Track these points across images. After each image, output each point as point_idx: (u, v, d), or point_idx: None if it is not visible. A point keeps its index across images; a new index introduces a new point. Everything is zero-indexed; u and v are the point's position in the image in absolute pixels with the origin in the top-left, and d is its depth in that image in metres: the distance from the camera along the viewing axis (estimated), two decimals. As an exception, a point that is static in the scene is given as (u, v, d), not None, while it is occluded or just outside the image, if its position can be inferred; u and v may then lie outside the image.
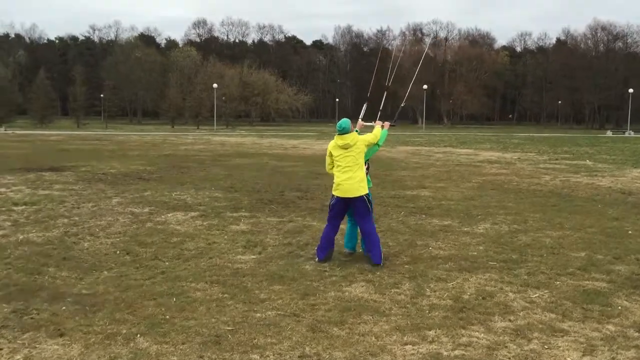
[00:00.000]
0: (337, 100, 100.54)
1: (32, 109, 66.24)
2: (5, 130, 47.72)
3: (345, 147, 6.56)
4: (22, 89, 78.13)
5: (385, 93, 7.61)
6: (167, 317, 4.74)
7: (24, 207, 9.84)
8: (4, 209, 9.62)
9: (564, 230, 8.66)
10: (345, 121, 6.67)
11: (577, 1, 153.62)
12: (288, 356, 4.01)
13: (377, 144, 7.00)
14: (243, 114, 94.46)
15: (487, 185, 14.41)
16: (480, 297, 5.38)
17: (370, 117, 7.41)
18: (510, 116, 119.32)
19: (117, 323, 4.59)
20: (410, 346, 4.22)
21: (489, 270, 6.37)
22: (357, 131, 7.00)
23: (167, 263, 6.55)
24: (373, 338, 4.36)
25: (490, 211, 10.29)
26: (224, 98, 79.79)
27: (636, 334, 4.51)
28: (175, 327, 4.52)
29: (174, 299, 5.20)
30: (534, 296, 5.44)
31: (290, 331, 4.47)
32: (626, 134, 60.91)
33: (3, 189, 11.89)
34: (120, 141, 34.56)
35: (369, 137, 6.80)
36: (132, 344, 4.17)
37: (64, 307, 4.94)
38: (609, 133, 61.87)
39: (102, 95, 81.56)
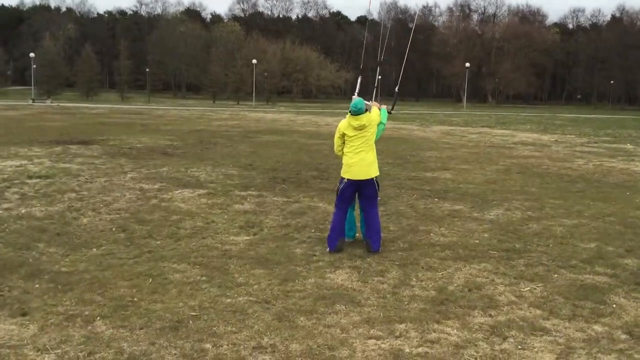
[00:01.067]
0: (379, 77, 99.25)
1: (78, 82, 67.70)
2: (51, 103, 48.95)
3: (360, 128, 6.31)
4: (71, 62, 80.00)
5: (379, 68, 7.28)
6: (135, 299, 4.67)
7: (37, 180, 9.98)
8: (17, 181, 9.78)
9: (580, 218, 8.25)
10: (360, 101, 6.37)
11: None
12: (242, 347, 3.88)
13: (381, 123, 6.73)
14: (284, 90, 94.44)
15: (514, 168, 13.92)
16: (467, 289, 5.13)
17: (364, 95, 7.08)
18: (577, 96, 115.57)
19: (83, 304, 4.55)
20: (374, 340, 4.03)
21: (486, 259, 6.10)
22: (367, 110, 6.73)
23: (158, 242, 6.51)
24: (338, 330, 4.19)
25: (508, 196, 9.90)
26: (265, 74, 79.85)
27: (623, 336, 4.20)
28: (139, 310, 4.45)
29: (150, 280, 5.14)
30: (525, 290, 5.16)
31: (255, 319, 4.34)
32: (680, 117, 58.19)
33: (25, 161, 12.11)
34: (158, 115, 34.98)
35: (377, 117, 6.55)
36: (89, 327, 4.12)
37: (37, 285, 4.94)
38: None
39: (147, 70, 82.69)
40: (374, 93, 7.22)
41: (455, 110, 60.74)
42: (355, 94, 6.59)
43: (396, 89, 7.91)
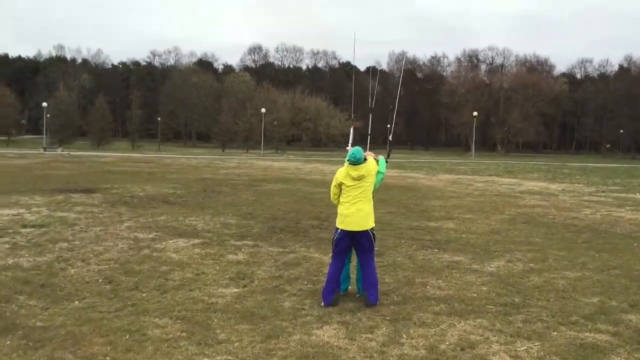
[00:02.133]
0: (388, 126, 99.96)
1: (91, 131, 68.70)
2: (62, 152, 49.49)
3: (359, 179, 6.17)
4: (84, 111, 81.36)
5: (371, 116, 7.18)
6: (108, 358, 4.45)
7: (31, 229, 9.87)
8: (11, 231, 9.67)
9: (584, 271, 7.96)
10: (359, 150, 6.23)
11: (639, 27, 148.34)
12: (212, 410, 3.64)
13: (380, 172, 6.57)
14: (294, 139, 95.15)
15: (519, 218, 13.66)
16: (459, 348, 4.86)
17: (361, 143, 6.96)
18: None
19: (53, 362, 4.33)
20: (354, 404, 3.77)
21: (482, 314, 5.83)
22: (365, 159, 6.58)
23: (144, 294, 6.31)
24: (317, 392, 3.94)
25: (511, 247, 9.64)
26: (275, 123, 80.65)
27: (623, 402, 3.92)
28: (110, 369, 4.23)
29: (127, 337, 4.92)
30: (521, 349, 4.88)
31: (230, 380, 4.10)
32: (691, 166, 57.73)
33: (23, 210, 12.04)
34: (166, 163, 35.16)
35: (375, 167, 6.40)
36: (53, 387, 3.90)
37: (8, 342, 4.73)
38: (673, 164, 58.89)
39: (158, 119, 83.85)
40: (368, 141, 7.09)
41: (464, 159, 60.68)
42: (349, 144, 6.48)
43: (390, 137, 7.78)
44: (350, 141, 6.72)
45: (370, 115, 7.18)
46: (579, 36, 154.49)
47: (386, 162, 6.73)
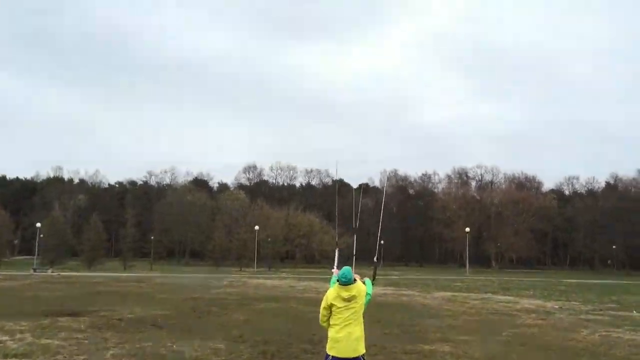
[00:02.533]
0: (381, 242, 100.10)
1: (84, 250, 68.38)
2: (52, 272, 48.88)
3: (350, 299, 6.10)
4: (79, 231, 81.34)
5: (355, 236, 7.27)
6: None
7: (13, 359, 9.58)
8: (-8, 360, 9.40)
9: (584, 398, 7.71)
10: (349, 271, 6.22)
11: (624, 146, 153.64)
12: None
13: (368, 293, 6.53)
14: (287, 256, 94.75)
15: (516, 340, 13.38)
16: None
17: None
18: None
19: None
20: None
21: None
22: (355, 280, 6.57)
23: None
24: None
25: (508, 372, 9.38)
26: (269, 239, 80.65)
27: None
28: None
29: None
30: None
31: None
32: (687, 281, 57.36)
33: (6, 337, 11.73)
34: (157, 283, 34.64)
35: (364, 287, 6.36)
36: None
37: None
38: (668, 279, 58.50)
39: (152, 237, 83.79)
40: (353, 261, 7.12)
41: (458, 276, 60.20)
42: (335, 266, 6.50)
43: (375, 258, 7.82)
44: (336, 263, 6.75)
45: (355, 236, 7.28)
46: (565, 154, 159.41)
47: (372, 283, 6.71)
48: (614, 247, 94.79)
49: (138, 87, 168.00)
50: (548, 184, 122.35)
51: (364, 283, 6.54)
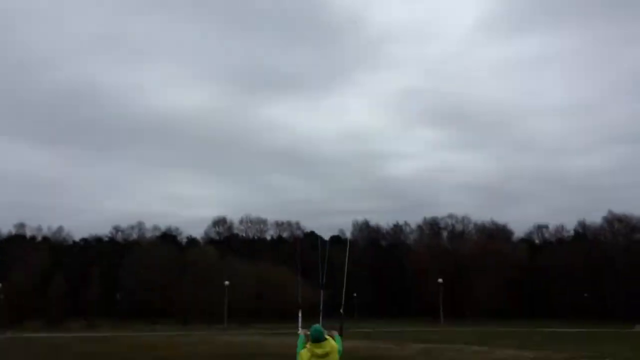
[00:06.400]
0: (355, 295, 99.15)
1: (46, 310, 66.00)
2: (10, 335, 46.86)
3: (324, 356, 5.86)
4: (41, 290, 78.60)
5: (322, 293, 7.04)
6: None
7: None
8: None
9: None
10: (320, 328, 6.03)
11: (590, 195, 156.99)
12: None
13: (339, 350, 6.27)
14: (258, 311, 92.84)
15: (492, 390, 13.03)
16: None
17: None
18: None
19: None
20: None
21: None
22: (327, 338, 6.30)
23: None
24: None
25: None
26: (239, 295, 79.13)
27: None
28: None
29: None
30: None
31: None
32: (657, 328, 57.78)
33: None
34: (123, 344, 33.38)
35: (335, 344, 6.12)
36: None
37: None
38: (638, 327, 58.85)
39: (117, 296, 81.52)
40: (321, 316, 6.87)
41: (433, 327, 59.67)
42: (299, 328, 6.28)
43: (341, 310, 7.57)
44: (300, 324, 6.54)
45: (322, 292, 7.05)
46: (533, 203, 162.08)
47: (341, 335, 6.48)
48: (585, 295, 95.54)
49: (101, 143, 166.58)
50: (518, 233, 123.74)
51: (333, 338, 6.32)
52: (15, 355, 23.80)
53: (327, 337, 6.08)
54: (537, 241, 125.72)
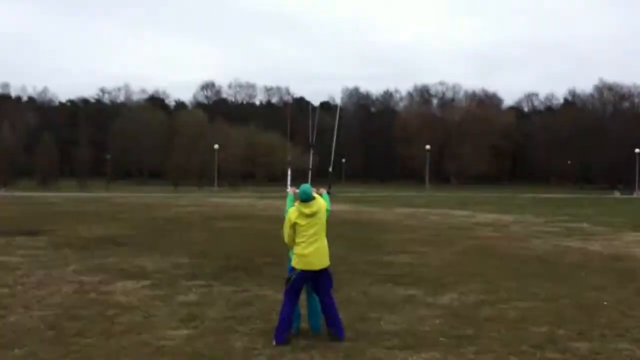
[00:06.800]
0: (343, 160, 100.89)
1: (36, 170, 66.78)
2: (4, 193, 47.89)
3: (312, 215, 6.11)
4: (30, 150, 79.15)
5: (312, 151, 7.21)
6: (47, 408, 4.22)
7: (-31, 275, 9.43)
8: (-52, 277, 9.22)
9: (534, 301, 8.08)
10: (309, 187, 6.20)
11: (582, 62, 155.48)
12: None
13: (327, 210, 6.54)
14: (248, 175, 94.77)
15: (472, 250, 13.85)
16: (412, 383, 4.82)
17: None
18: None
19: (-14, 416, 4.09)
20: None
21: (435, 347, 5.81)
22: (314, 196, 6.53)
23: (89, 340, 6.05)
24: None
25: (464, 279, 9.73)
26: (230, 159, 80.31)
27: None
28: (48, 421, 4.00)
29: (68, 385, 4.69)
30: (473, 382, 4.87)
31: None
32: (634, 195, 60.10)
33: (-39, 255, 11.52)
34: (115, 203, 34.38)
35: (324, 202, 6.37)
36: None
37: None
38: (617, 194, 61.11)
39: (107, 156, 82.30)
40: (309, 176, 7.09)
41: (418, 192, 61.56)
42: (288, 186, 6.46)
43: (330, 169, 7.79)
44: (289, 182, 6.71)
45: (311, 150, 7.21)
46: (524, 71, 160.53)
47: (329, 194, 6.72)
48: (569, 162, 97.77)
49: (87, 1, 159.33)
50: (508, 101, 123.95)
51: (321, 196, 6.54)
52: (15, 210, 24.56)
53: (316, 195, 6.28)
54: (526, 109, 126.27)
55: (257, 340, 6.02)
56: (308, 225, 6.08)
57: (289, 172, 7.17)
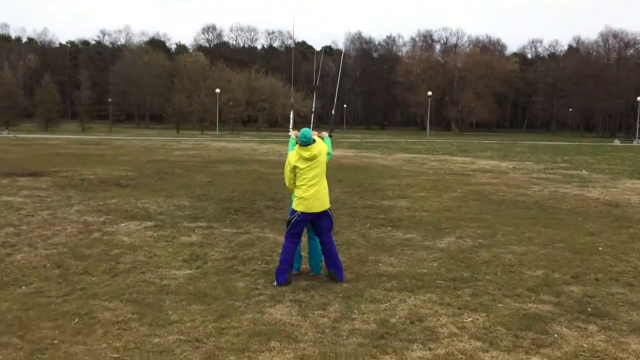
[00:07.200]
0: (345, 106, 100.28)
1: (38, 112, 66.42)
2: (8, 134, 47.86)
3: (312, 159, 6.14)
4: (31, 92, 78.59)
5: (315, 94, 7.20)
6: (56, 341, 4.38)
7: (-25, 214, 9.56)
8: (-46, 216, 9.36)
9: (530, 245, 8.23)
10: (308, 131, 6.21)
11: (588, 8, 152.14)
12: (163, 390, 3.64)
13: (328, 153, 6.57)
14: (250, 119, 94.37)
15: (470, 195, 13.96)
16: (409, 322, 4.98)
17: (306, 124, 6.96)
18: None
19: (-2, 348, 4.25)
20: (305, 380, 3.83)
21: (432, 289, 5.97)
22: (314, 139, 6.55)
23: (94, 278, 6.21)
24: (268, 369, 3.98)
25: (462, 224, 9.87)
26: (230, 103, 79.72)
27: (562, 368, 4.09)
28: (58, 353, 4.16)
29: (76, 320, 4.85)
30: (467, 321, 5.03)
31: (182, 360, 4.10)
32: (634, 143, 60.00)
33: (-34, 195, 11.64)
34: (117, 146, 34.40)
35: (324, 146, 6.39)
36: (-1, 374, 3.83)
37: (-49, 328, 4.61)
38: (617, 142, 61.01)
39: (109, 100, 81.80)
40: (312, 121, 7.10)
41: (419, 138, 61.42)
42: (290, 129, 6.47)
43: (332, 111, 7.78)
44: (291, 125, 6.73)
45: (315, 93, 7.20)
46: (529, 17, 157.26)
47: (330, 136, 6.73)
48: (570, 110, 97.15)
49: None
50: (512, 48, 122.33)
51: (323, 140, 6.55)
52: (18, 152, 24.61)
53: (316, 139, 6.30)
54: (529, 56, 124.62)
55: (258, 281, 6.17)
56: (308, 169, 6.12)
57: (292, 116, 7.16)
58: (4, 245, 7.54)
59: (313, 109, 7.38)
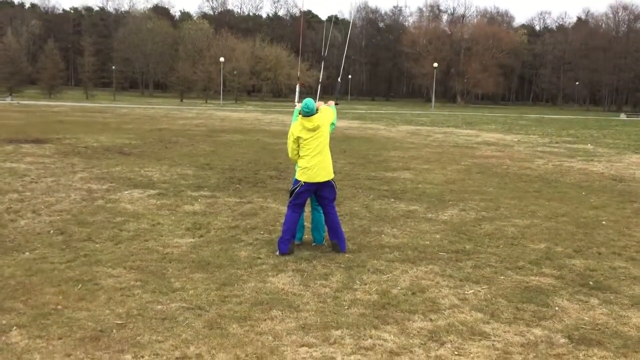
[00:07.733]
0: (350, 76, 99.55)
1: (41, 79, 66.06)
2: (11, 100, 47.72)
3: (314, 129, 6.11)
4: (34, 58, 78.14)
5: (323, 63, 7.12)
6: (60, 307, 4.42)
7: (-21, 180, 9.58)
8: (-43, 182, 9.38)
9: (533, 218, 8.22)
10: (311, 101, 6.16)
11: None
12: (165, 357, 3.67)
13: (332, 123, 6.54)
14: (254, 89, 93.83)
15: (474, 168, 13.92)
16: (410, 293, 5.00)
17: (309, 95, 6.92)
18: None
19: (2, 312, 4.28)
20: (306, 348, 3.86)
21: (434, 261, 5.99)
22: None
23: (97, 245, 6.24)
24: (270, 338, 4.00)
25: (465, 196, 9.85)
26: (235, 72, 79.17)
27: (562, 340, 4.11)
28: (61, 318, 4.20)
29: (79, 286, 4.88)
30: (469, 292, 5.05)
31: (184, 327, 4.13)
32: (641, 117, 59.54)
33: (-30, 161, 11.65)
34: (121, 113, 34.29)
35: (329, 115, 6.35)
36: (3, 338, 3.86)
37: (-45, 292, 4.65)
38: (623, 116, 60.48)
39: (113, 67, 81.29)
40: (318, 92, 7.05)
41: (424, 110, 61.05)
42: (296, 101, 6.42)
43: (339, 79, 7.71)
44: (297, 98, 6.68)
45: (322, 63, 7.12)
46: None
47: (336, 105, 6.68)
48: (577, 83, 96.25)
49: None
50: (519, 19, 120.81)
51: (329, 106, 6.51)
52: (22, 119, 24.56)
53: (320, 109, 6.27)
54: (537, 28, 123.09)
55: (261, 251, 6.19)
56: (311, 139, 6.10)
57: (298, 87, 7.09)
58: (8, 211, 7.57)
59: (320, 80, 7.31)
